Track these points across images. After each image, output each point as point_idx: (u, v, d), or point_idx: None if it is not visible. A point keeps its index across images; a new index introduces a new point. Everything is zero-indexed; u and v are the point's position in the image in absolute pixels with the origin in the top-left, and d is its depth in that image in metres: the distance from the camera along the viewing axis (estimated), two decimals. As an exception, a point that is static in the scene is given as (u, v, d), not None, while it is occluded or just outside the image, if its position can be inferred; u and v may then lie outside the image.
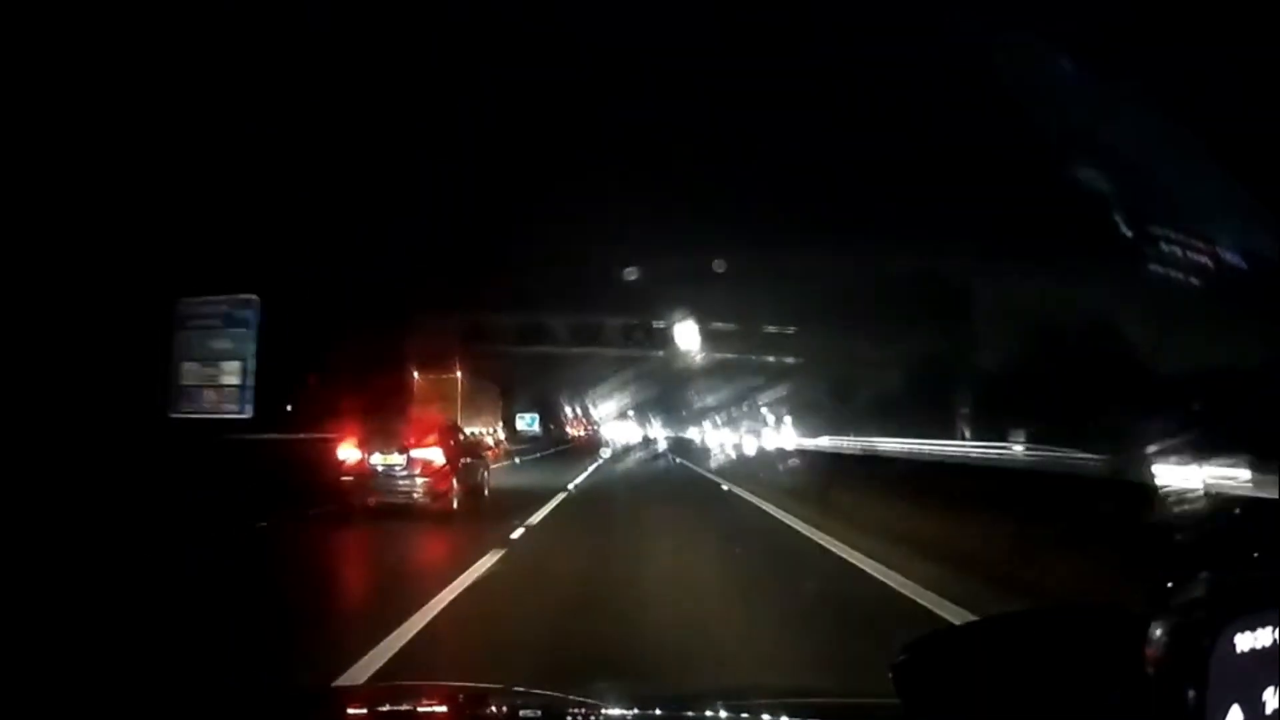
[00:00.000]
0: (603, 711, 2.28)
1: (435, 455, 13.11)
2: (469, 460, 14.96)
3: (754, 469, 26.25)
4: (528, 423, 60.27)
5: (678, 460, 38.80)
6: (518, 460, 35.22)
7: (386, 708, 2.43)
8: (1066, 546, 6.67)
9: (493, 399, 44.83)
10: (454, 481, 13.34)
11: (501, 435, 46.23)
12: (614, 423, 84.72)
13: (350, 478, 12.92)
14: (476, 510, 13.71)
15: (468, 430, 35.36)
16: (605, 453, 46.84)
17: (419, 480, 12.86)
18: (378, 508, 12.51)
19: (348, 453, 13.17)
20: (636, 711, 2.30)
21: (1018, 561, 6.98)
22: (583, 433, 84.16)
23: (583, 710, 2.27)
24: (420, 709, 2.43)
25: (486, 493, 15.76)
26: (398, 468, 12.95)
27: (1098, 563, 5.96)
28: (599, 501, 17.91)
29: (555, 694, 2.43)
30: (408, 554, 10.05)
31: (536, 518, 12.80)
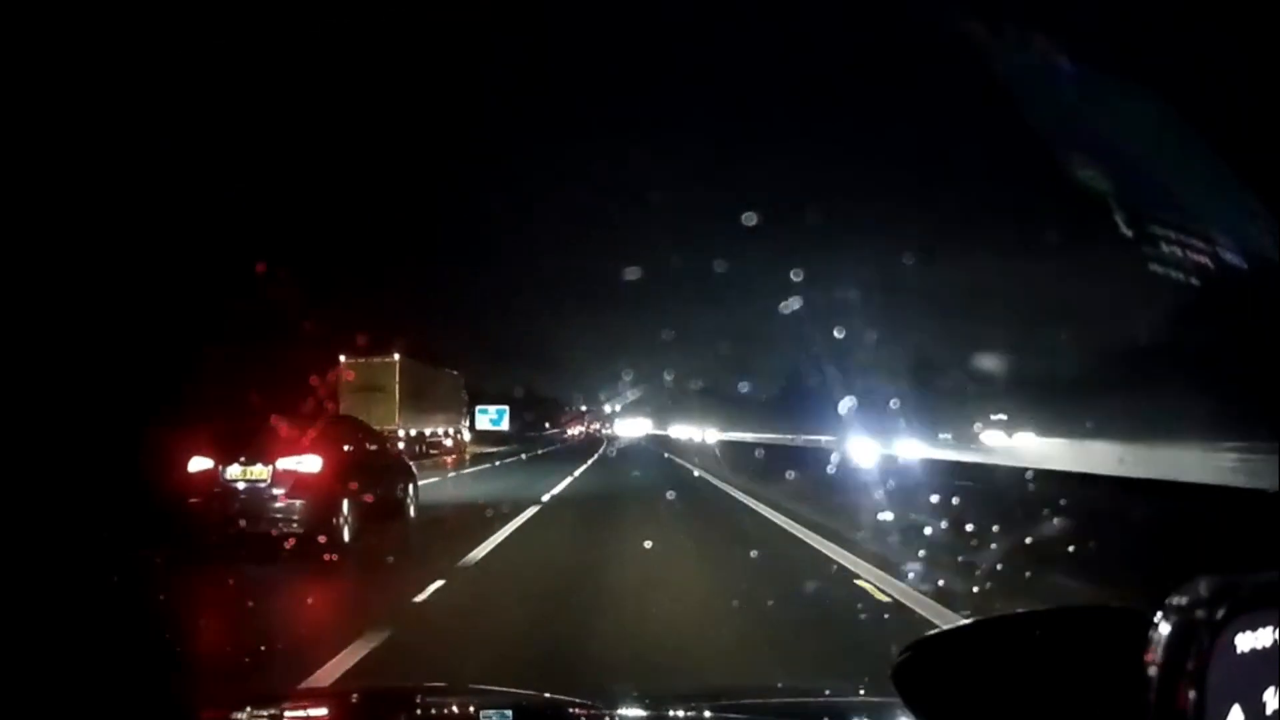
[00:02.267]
0: (602, 712, 2.28)
1: (312, 466, 9.37)
2: (379, 472, 11.20)
3: None
4: (493, 419, 50.29)
5: None
6: (468, 469, 28.23)
7: (385, 710, 2.43)
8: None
9: (454, 390, 37.36)
10: (344, 504, 9.62)
11: (466, 435, 39.15)
12: (631, 419, 74.98)
13: (199, 499, 9.28)
14: (384, 545, 9.85)
15: (413, 430, 30.50)
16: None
17: (293, 503, 9.20)
18: (237, 540, 8.92)
19: (199, 464, 9.47)
20: (636, 712, 2.29)
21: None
22: (579, 431, 79.33)
23: (582, 710, 2.27)
24: (420, 711, 2.42)
25: (413, 513, 12.19)
26: (261, 484, 9.29)
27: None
28: (578, 506, 14.69)
29: (555, 695, 2.42)
30: (197, 648, 5.66)
31: (473, 556, 8.81)
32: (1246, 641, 0.79)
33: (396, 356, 29.44)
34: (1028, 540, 7.06)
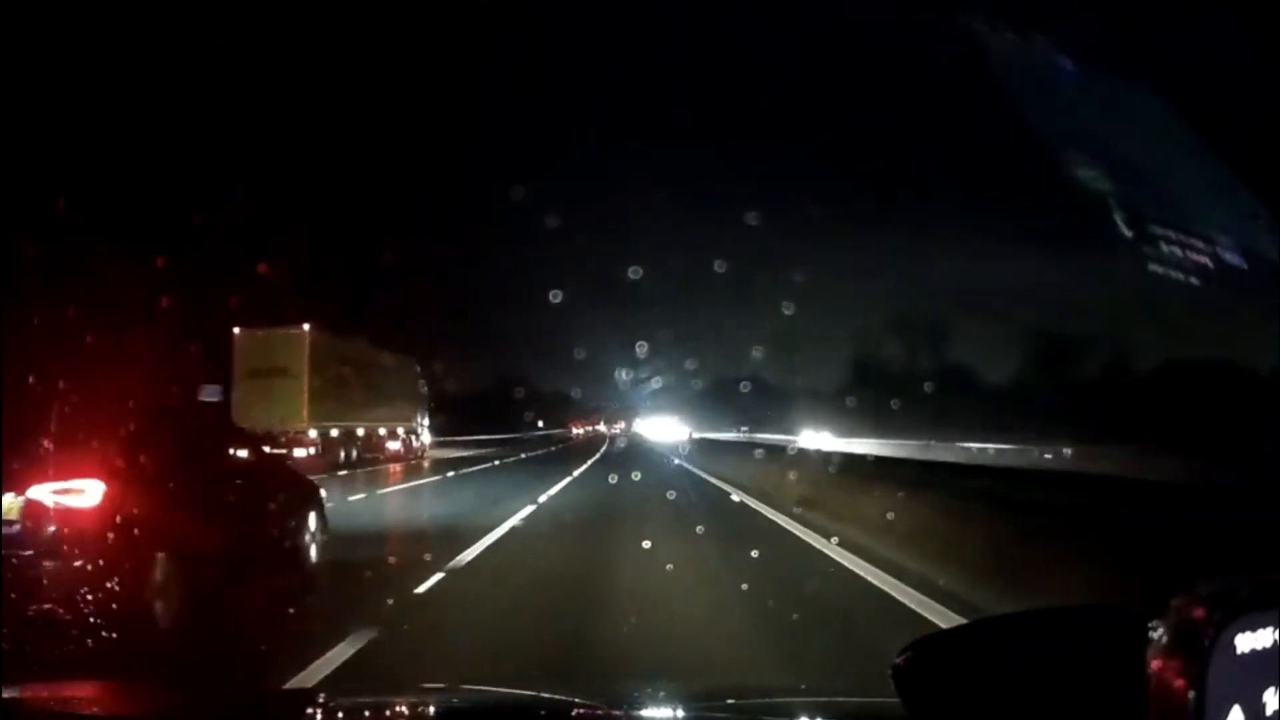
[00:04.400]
0: (603, 712, 2.27)
1: (87, 497, 5.49)
2: (248, 502, 7.13)
3: None
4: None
5: None
6: (422, 479, 22.13)
7: (380, 710, 2.43)
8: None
9: (405, 379, 29.05)
10: (158, 562, 5.73)
11: (426, 437, 31.36)
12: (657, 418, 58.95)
13: None
14: (226, 633, 5.84)
15: (336, 429, 22.69)
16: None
17: (55, 563, 5.34)
18: None
19: None
20: (636, 712, 2.29)
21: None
22: (585, 430, 75.14)
23: (583, 710, 2.26)
24: (417, 711, 2.42)
25: (314, 557, 8.02)
26: (10, 528, 5.35)
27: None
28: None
29: (554, 695, 2.42)
30: None
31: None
32: (1246, 642, 0.79)
33: (306, 327, 21.14)
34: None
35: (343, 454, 23.48)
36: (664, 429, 52.25)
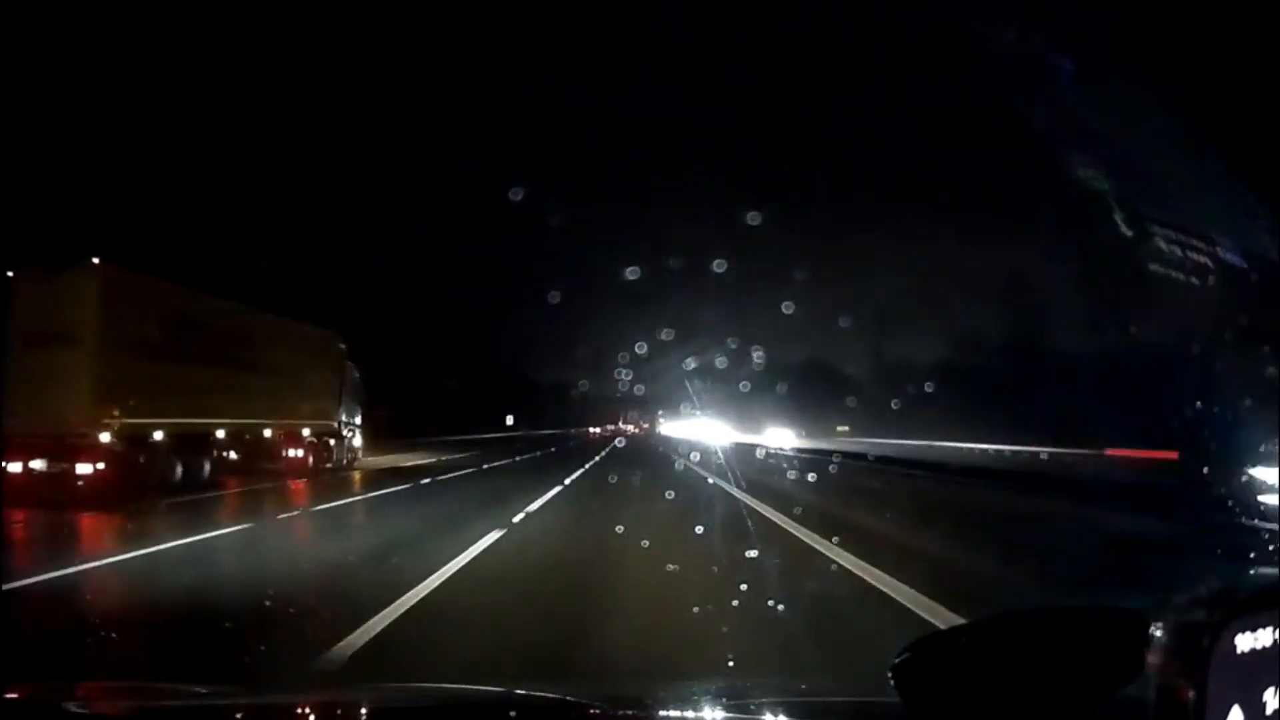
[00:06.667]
0: (600, 712, 2.27)
1: None
2: None
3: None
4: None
5: None
6: (338, 500, 14.99)
7: (379, 709, 2.42)
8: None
9: (315, 358, 20.43)
10: None
11: (356, 439, 23.40)
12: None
13: None
14: None
15: (162, 430, 14.57)
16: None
17: None
18: None
19: None
20: (635, 710, 2.29)
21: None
22: (598, 430, 71.70)
23: (579, 710, 2.26)
24: (413, 709, 2.42)
25: None
26: None
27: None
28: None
29: (551, 695, 2.42)
30: None
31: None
32: (1246, 642, 0.79)
33: (95, 261, 13.48)
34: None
35: (180, 468, 15.43)
36: (705, 431, 40.64)
